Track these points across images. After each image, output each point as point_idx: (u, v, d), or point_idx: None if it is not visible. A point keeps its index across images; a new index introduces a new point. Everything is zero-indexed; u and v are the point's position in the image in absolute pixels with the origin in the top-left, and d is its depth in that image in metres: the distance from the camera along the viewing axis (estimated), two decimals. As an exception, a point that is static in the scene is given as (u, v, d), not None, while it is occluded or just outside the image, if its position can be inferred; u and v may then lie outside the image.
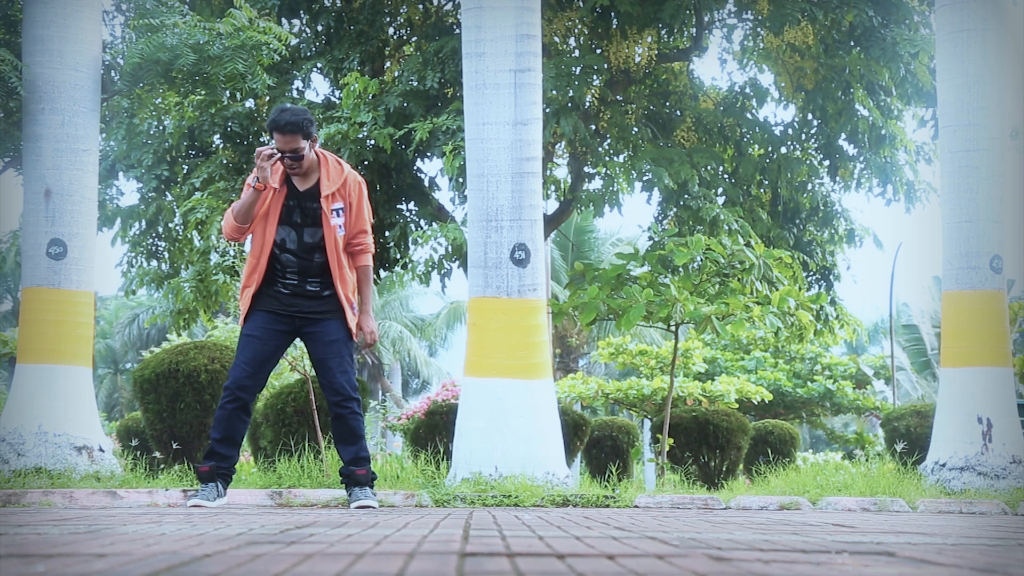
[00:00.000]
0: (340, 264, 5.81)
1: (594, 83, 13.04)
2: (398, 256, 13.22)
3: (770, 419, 16.57)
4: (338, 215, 5.80)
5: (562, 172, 14.60)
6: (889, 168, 13.38)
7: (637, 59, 13.26)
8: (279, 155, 5.64)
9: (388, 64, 13.66)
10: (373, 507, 5.95)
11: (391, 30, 13.95)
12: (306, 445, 8.54)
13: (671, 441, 11.13)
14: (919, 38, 12.49)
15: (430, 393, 15.66)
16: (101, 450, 8.46)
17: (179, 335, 19.64)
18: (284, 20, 13.28)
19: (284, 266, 5.83)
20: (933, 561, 2.29)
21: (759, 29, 13.65)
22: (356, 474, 5.97)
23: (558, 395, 12.91)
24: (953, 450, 8.90)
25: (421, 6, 13.60)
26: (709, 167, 12.95)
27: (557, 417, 8.32)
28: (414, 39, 13.77)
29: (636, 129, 13.65)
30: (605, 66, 12.89)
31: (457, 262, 12.89)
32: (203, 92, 10.66)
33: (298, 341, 6.17)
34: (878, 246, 14.37)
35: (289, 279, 5.83)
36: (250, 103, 12.94)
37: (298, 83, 13.43)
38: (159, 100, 11.21)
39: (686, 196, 12.60)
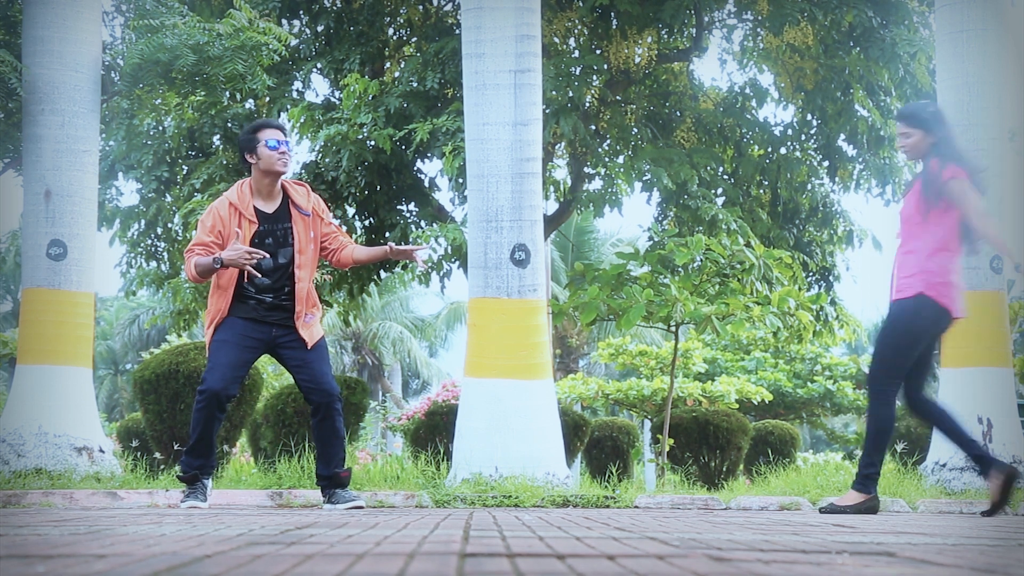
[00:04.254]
0: (309, 277, 5.88)
1: (594, 83, 13.03)
2: (398, 257, 13.20)
3: (770, 419, 16.57)
4: (311, 229, 5.90)
5: (562, 173, 14.59)
6: (888, 169, 13.38)
7: (637, 59, 13.25)
8: (255, 260, 5.67)
9: (388, 65, 13.65)
10: (363, 507, 5.99)
11: (391, 31, 13.95)
12: (306, 446, 8.54)
13: (671, 441, 11.13)
14: (918, 39, 12.48)
15: (430, 394, 15.67)
16: (101, 451, 8.47)
17: (179, 336, 19.66)
18: (284, 21, 13.27)
19: (260, 289, 5.82)
20: (933, 561, 2.29)
21: (759, 29, 13.65)
22: (340, 477, 5.95)
23: (558, 396, 12.91)
24: (953, 450, 8.89)
25: (421, 7, 13.60)
26: (709, 167, 12.94)
27: (557, 418, 8.32)
28: (414, 40, 13.77)
29: (636, 129, 13.65)
30: (605, 66, 12.88)
31: (457, 262, 12.89)
32: (203, 93, 10.66)
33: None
34: (877, 248, 14.38)
35: (265, 296, 5.82)
36: (250, 104, 12.93)
37: (298, 84, 13.43)
38: (159, 101, 11.21)
39: (685, 196, 12.61)
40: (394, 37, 14.00)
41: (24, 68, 8.69)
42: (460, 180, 11.84)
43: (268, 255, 5.75)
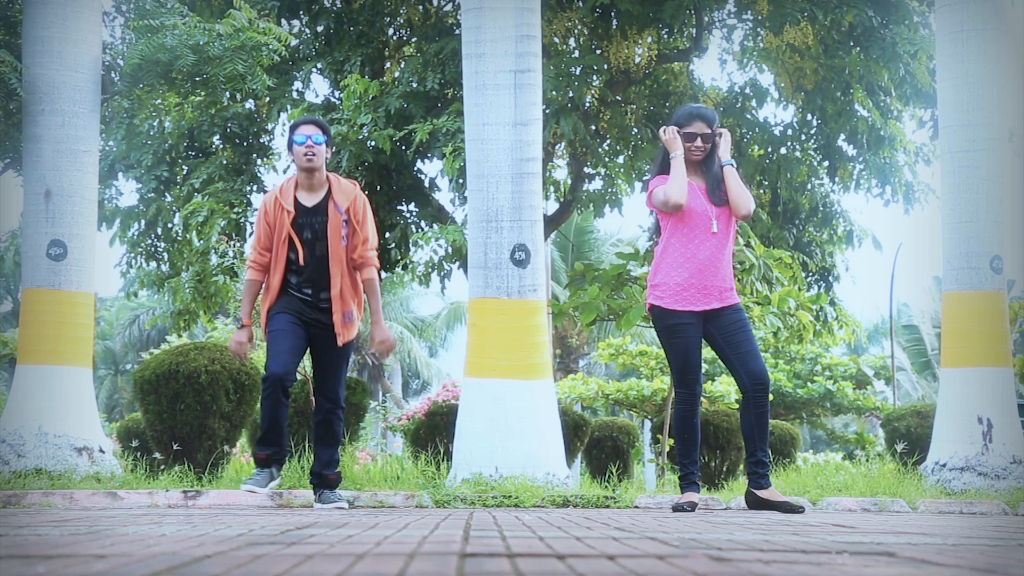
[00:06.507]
0: (343, 274, 6.12)
1: (594, 83, 13.03)
2: (399, 257, 13.22)
3: (770, 419, 16.55)
4: (344, 226, 6.12)
5: (562, 173, 14.60)
6: (888, 169, 13.38)
7: (637, 59, 13.26)
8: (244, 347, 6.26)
9: (388, 65, 13.65)
10: (344, 507, 6.25)
11: (391, 31, 13.95)
12: (306, 446, 8.53)
13: (671, 441, 11.13)
14: (919, 38, 12.48)
15: (430, 394, 15.67)
16: (101, 451, 8.46)
17: (179, 336, 19.65)
18: (284, 21, 13.27)
19: (299, 282, 6.14)
20: (933, 561, 2.29)
21: (759, 29, 13.65)
22: (328, 479, 6.30)
23: (558, 396, 12.91)
24: (953, 450, 8.90)
25: (421, 7, 13.59)
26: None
27: (557, 418, 8.32)
28: (414, 40, 13.77)
29: (636, 129, 13.65)
30: (605, 66, 12.88)
31: (457, 263, 12.89)
32: (203, 93, 10.66)
33: None
34: (877, 247, 14.38)
35: (304, 293, 6.15)
36: (250, 104, 12.93)
37: (298, 84, 13.43)
38: (159, 101, 11.21)
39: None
40: (394, 37, 13.99)
41: (24, 68, 8.68)
42: (460, 181, 11.84)
43: (303, 249, 6.10)
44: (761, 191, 13.94)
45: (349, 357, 6.33)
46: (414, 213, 13.30)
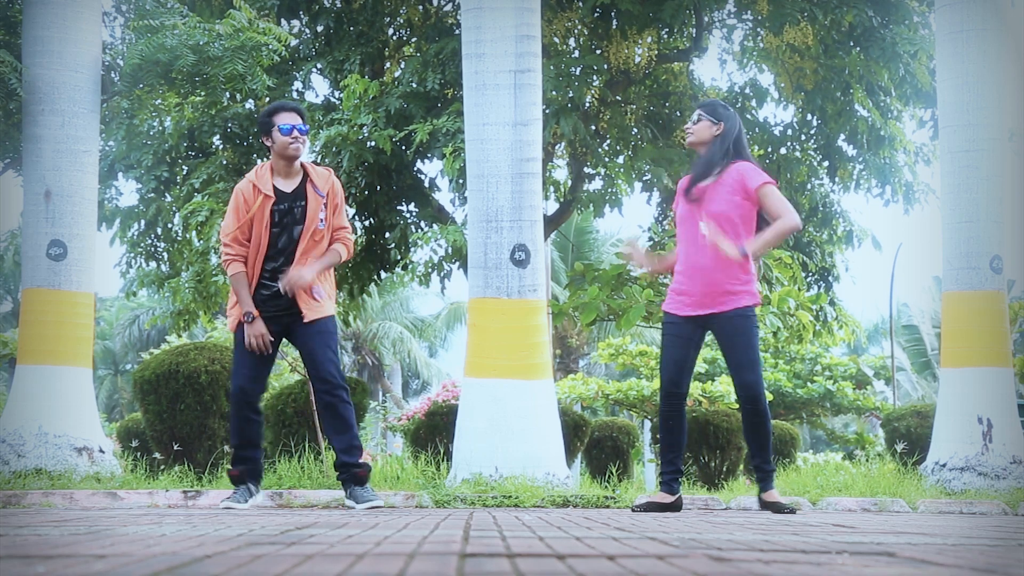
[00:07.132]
0: (318, 254, 6.01)
1: (594, 83, 13.03)
2: (398, 257, 13.21)
3: (771, 419, 16.53)
4: (322, 209, 6.07)
5: (562, 173, 14.59)
6: (888, 169, 13.37)
7: (637, 59, 13.25)
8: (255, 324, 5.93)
9: (388, 65, 13.64)
10: (380, 506, 6.06)
11: (391, 31, 13.94)
12: (306, 446, 8.54)
13: (671, 442, 11.12)
14: (919, 38, 12.47)
15: (430, 394, 15.66)
16: (101, 451, 8.47)
17: (179, 336, 19.66)
18: (284, 21, 13.26)
19: (275, 269, 6.03)
20: (933, 561, 2.29)
21: (759, 29, 13.64)
22: (355, 472, 6.06)
23: (558, 396, 12.90)
24: (953, 450, 8.90)
25: (421, 7, 13.59)
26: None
27: (557, 418, 8.32)
28: (414, 40, 13.76)
29: (636, 129, 13.64)
30: (605, 66, 12.87)
31: (457, 263, 12.89)
32: (203, 93, 10.66)
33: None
34: (877, 247, 14.38)
35: (275, 283, 6.01)
36: (250, 104, 12.93)
37: (298, 84, 13.42)
38: (159, 101, 11.20)
39: (686, 196, 12.58)
40: (394, 37, 13.99)
41: (24, 68, 8.69)
42: (460, 181, 11.83)
43: (281, 232, 6.00)
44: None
45: (333, 334, 6.08)
46: (414, 213, 13.30)
